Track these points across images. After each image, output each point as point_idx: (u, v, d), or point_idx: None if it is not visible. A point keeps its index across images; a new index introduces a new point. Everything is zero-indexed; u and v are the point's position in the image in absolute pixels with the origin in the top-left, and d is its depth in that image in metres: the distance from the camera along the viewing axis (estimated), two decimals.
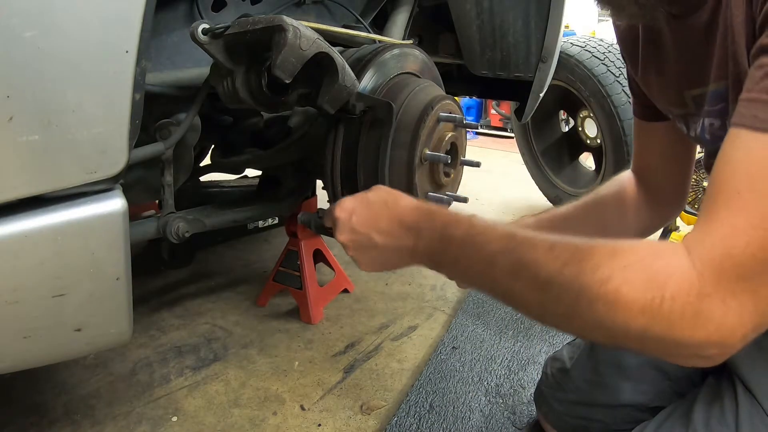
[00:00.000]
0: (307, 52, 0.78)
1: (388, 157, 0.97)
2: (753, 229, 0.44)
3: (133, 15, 0.57)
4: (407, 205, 0.69)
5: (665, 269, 0.46)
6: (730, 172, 0.47)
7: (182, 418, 1.04)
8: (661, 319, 0.46)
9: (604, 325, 0.49)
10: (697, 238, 0.47)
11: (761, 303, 0.45)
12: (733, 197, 0.46)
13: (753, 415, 0.62)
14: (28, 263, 0.59)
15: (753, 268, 0.44)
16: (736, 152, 0.47)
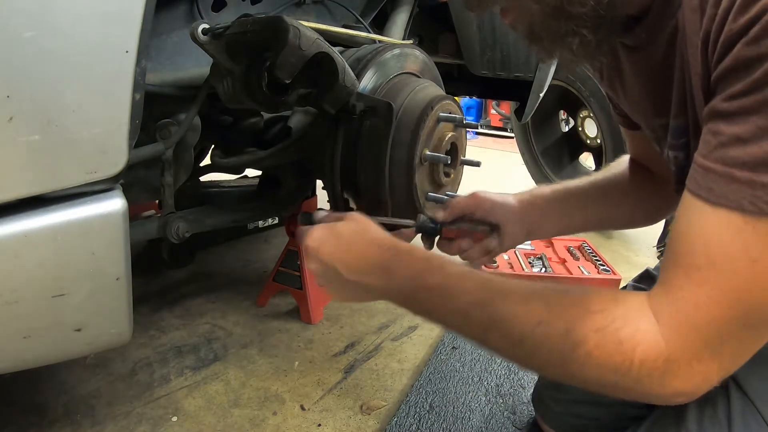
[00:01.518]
0: (307, 52, 0.78)
1: (388, 157, 0.97)
2: (715, 305, 0.46)
3: (133, 15, 0.57)
4: (375, 240, 0.66)
5: (634, 336, 0.49)
6: (689, 245, 0.49)
7: (182, 418, 1.04)
8: (631, 378, 0.49)
9: (577, 378, 0.53)
10: (663, 307, 0.50)
11: (725, 361, 0.49)
12: (694, 272, 0.48)
13: (745, 414, 0.62)
14: (28, 263, 0.59)
15: (716, 338, 0.47)
16: (692, 225, 0.48)
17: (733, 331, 0.47)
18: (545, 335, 0.53)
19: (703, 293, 0.47)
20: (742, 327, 0.47)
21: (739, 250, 0.44)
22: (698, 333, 0.47)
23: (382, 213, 1.01)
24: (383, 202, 1.00)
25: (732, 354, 0.49)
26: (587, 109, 2.37)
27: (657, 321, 0.50)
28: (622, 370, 0.49)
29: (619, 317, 0.51)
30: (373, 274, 0.64)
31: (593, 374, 0.51)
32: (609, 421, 0.86)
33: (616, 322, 0.50)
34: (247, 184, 1.88)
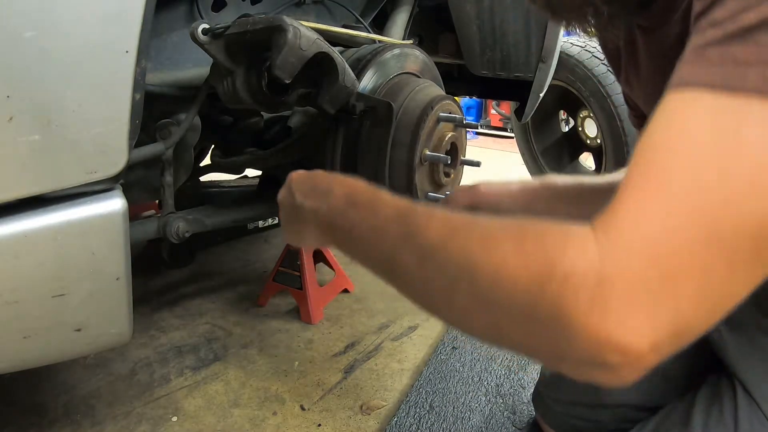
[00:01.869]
0: (307, 52, 0.78)
1: (388, 157, 0.97)
2: (672, 204, 0.36)
3: (133, 15, 0.57)
4: (339, 176, 0.66)
5: (563, 242, 0.39)
6: (648, 141, 0.39)
7: (182, 418, 1.04)
8: (548, 299, 0.37)
9: (485, 301, 0.42)
10: (606, 218, 0.39)
11: (684, 302, 0.36)
12: (649, 162, 0.38)
13: (752, 418, 0.62)
14: (28, 263, 0.59)
15: (674, 252, 0.35)
16: (655, 120, 0.40)
17: (694, 249, 0.35)
18: (460, 243, 0.44)
19: (659, 189, 0.37)
20: (709, 247, 0.35)
21: (706, 134, 0.36)
22: (645, 242, 0.36)
23: None
24: None
25: (694, 296, 0.35)
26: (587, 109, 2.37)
27: (595, 233, 0.38)
28: (541, 285, 0.38)
29: (548, 228, 0.41)
30: (316, 196, 0.64)
31: (503, 294, 0.40)
32: (610, 423, 0.86)
33: (545, 232, 0.40)
34: (247, 184, 1.88)
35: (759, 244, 0.35)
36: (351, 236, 0.58)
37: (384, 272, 0.53)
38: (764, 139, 0.34)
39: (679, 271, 0.35)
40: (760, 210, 0.34)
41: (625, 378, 0.38)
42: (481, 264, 0.42)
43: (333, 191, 0.62)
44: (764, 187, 0.34)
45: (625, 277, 0.35)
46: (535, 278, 0.38)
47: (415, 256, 0.47)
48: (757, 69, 0.35)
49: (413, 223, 0.49)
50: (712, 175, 0.35)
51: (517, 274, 0.39)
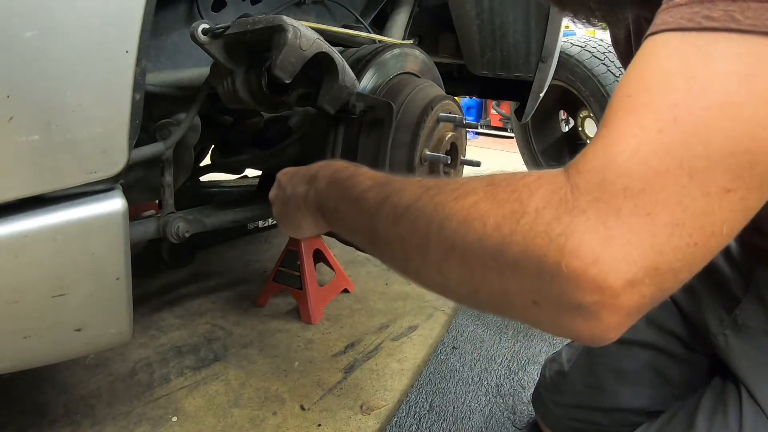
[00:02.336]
0: (307, 52, 0.78)
1: (388, 157, 0.97)
2: (643, 131, 0.35)
3: (133, 15, 0.57)
4: (325, 161, 0.68)
5: (534, 182, 0.39)
6: (621, 85, 0.40)
7: (182, 418, 1.04)
8: (519, 236, 0.36)
9: (458, 249, 0.40)
10: (578, 158, 0.39)
11: (660, 233, 0.34)
12: (624, 102, 0.38)
13: (757, 424, 0.62)
14: (28, 263, 0.59)
15: (646, 179, 0.34)
16: (632, 62, 0.40)
17: (667, 178, 0.34)
18: (430, 197, 0.44)
19: (631, 121, 0.36)
20: (682, 172, 0.34)
21: (677, 67, 0.36)
22: (618, 170, 0.35)
23: None
24: None
25: (669, 227, 0.34)
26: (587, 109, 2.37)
27: (566, 169, 0.39)
28: (510, 223, 0.37)
29: (520, 172, 0.41)
30: (304, 183, 0.66)
31: (473, 237, 0.39)
32: (610, 427, 0.86)
33: (516, 175, 0.40)
34: (247, 184, 1.88)
35: (734, 171, 0.34)
36: (338, 214, 0.59)
37: (369, 242, 0.53)
38: (731, 71, 0.35)
39: (652, 201, 0.34)
40: (731, 138, 0.34)
41: (607, 324, 0.35)
42: (452, 212, 0.41)
43: (318, 175, 0.64)
44: (733, 117, 0.34)
45: (596, 209, 0.35)
46: (506, 216, 0.37)
47: (390, 217, 0.48)
48: (720, 6, 0.36)
49: (388, 189, 0.50)
50: (683, 108, 0.35)
51: (488, 213, 0.38)
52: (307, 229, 0.69)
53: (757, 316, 0.69)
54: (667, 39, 0.38)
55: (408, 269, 0.49)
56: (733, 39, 0.35)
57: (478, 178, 0.43)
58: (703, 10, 0.37)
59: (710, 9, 0.37)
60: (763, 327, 0.68)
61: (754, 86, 0.34)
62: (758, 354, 0.67)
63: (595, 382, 0.86)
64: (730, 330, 0.72)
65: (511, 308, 0.41)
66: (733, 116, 0.34)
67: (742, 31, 0.35)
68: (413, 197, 0.46)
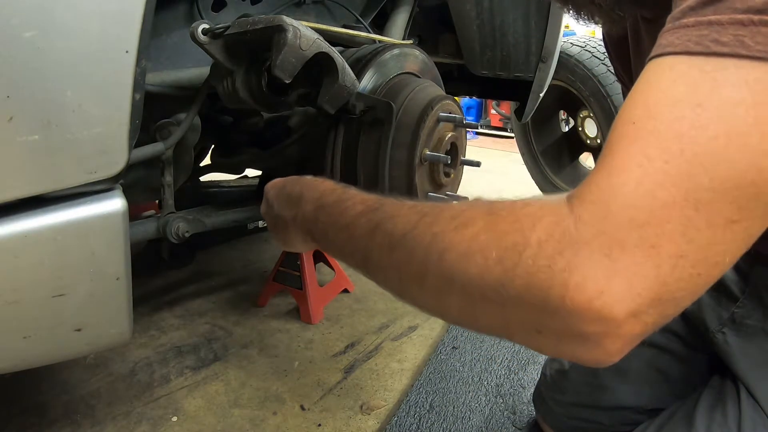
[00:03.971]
0: (307, 52, 0.78)
1: (388, 157, 0.97)
2: (649, 162, 0.35)
3: (133, 15, 0.57)
4: (309, 179, 0.66)
5: (536, 212, 0.38)
6: (626, 109, 0.38)
7: (182, 418, 1.04)
8: (522, 270, 0.36)
9: (457, 281, 0.40)
10: (581, 187, 0.38)
11: (665, 265, 0.34)
12: (627, 128, 0.37)
13: (756, 422, 0.62)
14: (28, 263, 0.59)
15: (651, 211, 0.34)
16: (636, 86, 0.39)
17: (672, 210, 0.34)
18: (427, 225, 0.43)
19: (635, 150, 0.35)
20: (687, 204, 0.33)
21: (683, 94, 0.35)
22: (622, 201, 0.34)
23: None
24: None
25: (674, 259, 0.33)
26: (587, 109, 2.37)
27: (568, 199, 0.37)
28: (512, 257, 0.36)
29: (521, 200, 0.40)
30: (290, 205, 0.66)
31: (474, 271, 0.38)
32: (610, 425, 0.86)
33: (517, 204, 0.39)
34: (247, 184, 1.88)
35: (739, 202, 0.34)
36: (328, 238, 0.58)
37: (362, 267, 0.53)
38: (738, 99, 0.34)
39: (657, 233, 0.34)
40: (737, 169, 0.34)
41: (609, 351, 0.36)
42: (451, 242, 0.40)
43: (303, 197, 0.63)
44: (739, 147, 0.34)
45: (600, 241, 0.34)
46: (508, 249, 0.37)
47: (386, 245, 0.47)
48: (730, 30, 0.35)
49: (381, 214, 0.49)
50: (689, 138, 0.34)
51: (490, 246, 0.38)
52: (299, 245, 0.69)
53: (755, 315, 0.69)
54: (673, 63, 0.37)
55: (404, 295, 0.48)
56: (742, 65, 0.34)
57: (476, 204, 0.42)
58: (712, 33, 0.36)
59: (719, 32, 0.35)
60: (761, 325, 0.68)
61: (761, 115, 0.33)
62: (757, 352, 0.67)
63: (595, 380, 0.86)
64: (729, 328, 0.72)
65: (513, 336, 0.41)
66: (740, 147, 0.33)
67: (751, 58, 0.34)
68: (409, 225, 0.45)
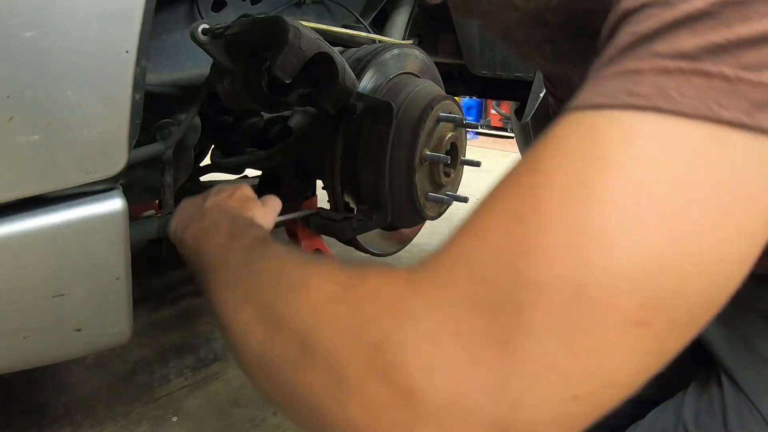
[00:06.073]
0: (307, 52, 0.78)
1: (388, 157, 0.97)
2: (518, 223, 0.26)
3: (133, 15, 0.57)
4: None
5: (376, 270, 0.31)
6: (514, 165, 0.31)
7: (182, 418, 1.04)
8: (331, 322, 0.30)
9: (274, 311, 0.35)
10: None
11: (519, 374, 0.24)
12: (503, 187, 0.29)
13: (740, 406, 0.62)
14: (28, 263, 0.59)
15: (508, 289, 0.25)
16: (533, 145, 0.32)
17: (545, 293, 0.24)
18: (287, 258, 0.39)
19: (504, 208, 0.27)
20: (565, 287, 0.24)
21: (576, 146, 0.27)
22: (471, 272, 0.26)
23: (383, 213, 1.01)
24: (383, 202, 1.00)
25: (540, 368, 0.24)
26: None
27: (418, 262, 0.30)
28: (329, 300, 0.31)
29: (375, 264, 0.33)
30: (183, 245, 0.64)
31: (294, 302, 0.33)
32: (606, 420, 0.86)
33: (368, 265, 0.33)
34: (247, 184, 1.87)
35: (648, 296, 0.24)
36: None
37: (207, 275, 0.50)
38: (654, 157, 0.25)
39: (513, 324, 0.24)
40: (645, 246, 0.24)
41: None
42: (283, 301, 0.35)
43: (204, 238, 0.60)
44: (650, 218, 0.24)
45: (430, 319, 0.26)
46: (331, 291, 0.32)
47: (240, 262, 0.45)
48: (649, 79, 0.26)
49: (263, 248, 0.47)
50: (576, 197, 0.25)
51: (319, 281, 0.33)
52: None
53: (733, 307, 0.70)
54: (580, 115, 0.28)
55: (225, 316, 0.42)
56: (664, 120, 0.25)
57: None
58: (627, 84, 0.27)
59: (636, 83, 0.27)
60: (740, 316, 0.69)
61: (688, 181, 0.24)
62: (737, 340, 0.68)
63: None
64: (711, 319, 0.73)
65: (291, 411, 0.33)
66: (654, 218, 0.24)
67: (677, 114, 0.25)
68: (267, 256, 0.42)
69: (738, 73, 0.25)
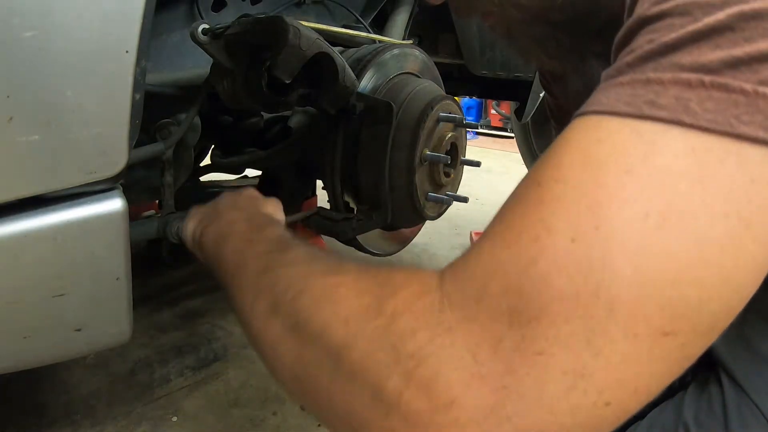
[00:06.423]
0: (307, 52, 0.78)
1: (388, 157, 0.97)
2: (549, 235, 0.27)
3: (133, 15, 0.57)
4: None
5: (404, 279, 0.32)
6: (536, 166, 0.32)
7: (182, 418, 1.04)
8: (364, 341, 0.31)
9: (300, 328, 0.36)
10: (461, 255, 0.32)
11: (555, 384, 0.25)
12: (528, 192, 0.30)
13: (740, 404, 0.62)
14: (28, 263, 0.59)
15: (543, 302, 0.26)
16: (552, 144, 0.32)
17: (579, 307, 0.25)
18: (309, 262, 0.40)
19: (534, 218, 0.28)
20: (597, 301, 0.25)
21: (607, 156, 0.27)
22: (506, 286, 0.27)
23: (383, 213, 1.01)
24: (383, 202, 1.00)
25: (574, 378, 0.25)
26: None
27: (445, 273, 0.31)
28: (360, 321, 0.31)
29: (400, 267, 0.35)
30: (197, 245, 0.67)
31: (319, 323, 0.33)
32: None
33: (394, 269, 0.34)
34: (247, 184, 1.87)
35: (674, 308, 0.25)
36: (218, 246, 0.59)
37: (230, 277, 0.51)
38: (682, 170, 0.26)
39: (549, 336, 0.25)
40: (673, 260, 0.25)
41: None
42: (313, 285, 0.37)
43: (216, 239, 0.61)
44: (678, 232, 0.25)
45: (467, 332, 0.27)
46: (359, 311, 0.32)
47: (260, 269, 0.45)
48: (672, 91, 0.27)
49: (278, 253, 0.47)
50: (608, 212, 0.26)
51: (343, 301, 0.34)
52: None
53: None
54: (600, 121, 0.29)
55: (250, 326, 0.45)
56: (685, 134, 0.26)
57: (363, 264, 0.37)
58: (649, 94, 0.27)
59: (657, 94, 0.27)
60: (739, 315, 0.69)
61: (709, 193, 0.25)
62: (736, 339, 0.68)
63: None
64: None
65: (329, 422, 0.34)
66: (680, 231, 0.25)
67: (698, 128, 0.26)
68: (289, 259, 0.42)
69: (756, 87, 0.25)
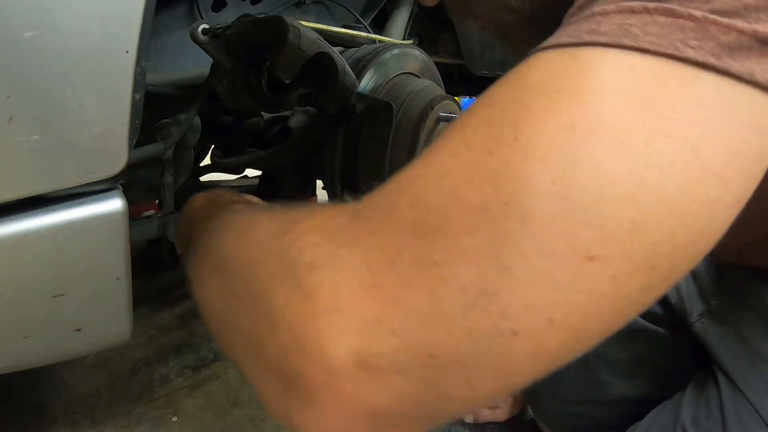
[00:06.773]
0: (307, 52, 0.78)
1: (388, 157, 0.97)
2: (467, 151, 0.26)
3: (133, 15, 0.57)
4: None
5: (321, 206, 0.32)
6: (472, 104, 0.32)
7: (182, 418, 1.04)
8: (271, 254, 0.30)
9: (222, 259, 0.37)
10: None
11: (453, 300, 0.22)
12: (460, 120, 0.29)
13: (738, 404, 0.62)
14: (28, 263, 0.59)
15: (448, 213, 0.24)
16: None
17: (485, 215, 0.23)
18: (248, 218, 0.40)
19: (457, 138, 0.27)
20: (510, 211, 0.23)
21: (538, 79, 0.27)
22: (413, 200, 0.25)
23: None
24: None
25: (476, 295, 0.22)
26: None
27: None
28: (271, 238, 0.30)
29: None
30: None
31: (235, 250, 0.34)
32: (607, 419, 0.87)
33: None
34: (247, 184, 1.87)
35: (604, 229, 0.22)
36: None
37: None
38: (618, 87, 0.24)
39: (452, 247, 0.23)
40: (602, 173, 0.23)
41: (322, 411, 0.24)
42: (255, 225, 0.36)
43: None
44: (611, 146, 0.23)
45: (368, 244, 0.25)
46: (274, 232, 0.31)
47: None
48: (614, 19, 0.26)
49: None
50: (530, 124, 0.24)
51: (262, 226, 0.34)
52: None
53: (730, 305, 0.70)
54: (541, 54, 0.28)
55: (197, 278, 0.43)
56: (624, 54, 0.25)
57: None
58: (590, 25, 0.27)
59: (599, 23, 0.26)
60: (737, 315, 0.69)
61: (647, 110, 0.23)
62: (734, 339, 0.68)
63: (588, 374, 0.87)
64: (707, 318, 0.73)
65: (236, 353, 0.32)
66: (609, 142, 0.23)
67: (638, 50, 0.25)
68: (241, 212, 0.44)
69: (707, 15, 0.24)
